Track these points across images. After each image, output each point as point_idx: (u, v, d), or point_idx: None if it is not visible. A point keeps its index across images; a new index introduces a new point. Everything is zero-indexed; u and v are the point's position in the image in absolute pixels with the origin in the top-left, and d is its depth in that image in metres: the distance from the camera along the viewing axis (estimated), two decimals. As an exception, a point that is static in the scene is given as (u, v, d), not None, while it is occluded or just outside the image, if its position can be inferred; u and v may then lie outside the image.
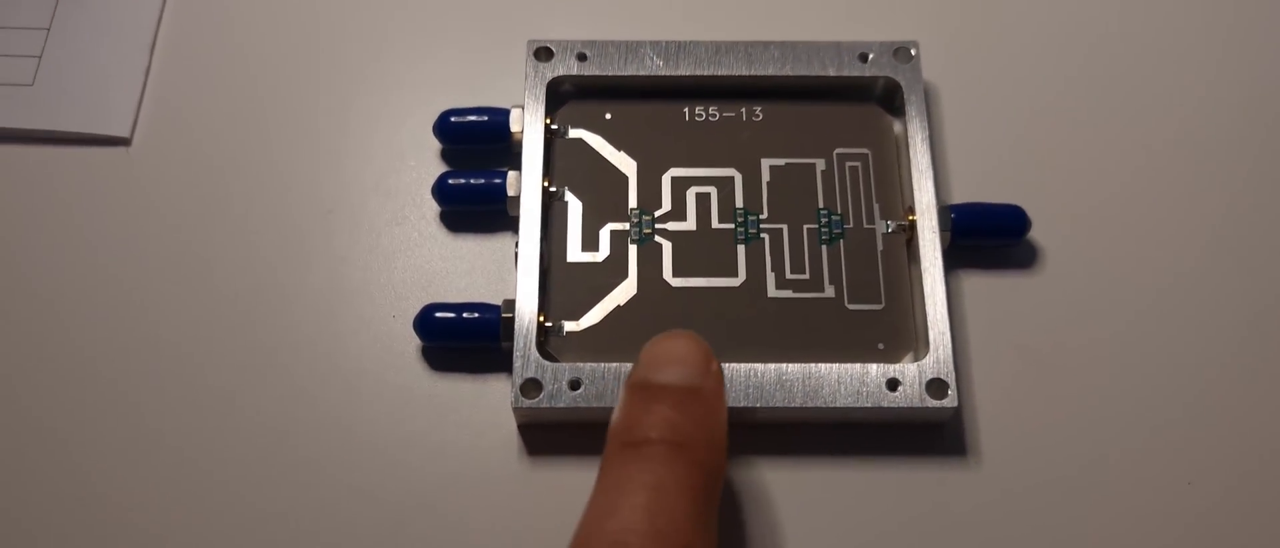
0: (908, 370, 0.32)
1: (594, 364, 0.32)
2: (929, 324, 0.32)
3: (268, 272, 0.35)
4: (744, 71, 0.36)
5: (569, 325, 0.33)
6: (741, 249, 0.34)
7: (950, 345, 0.32)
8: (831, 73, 0.36)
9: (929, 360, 0.32)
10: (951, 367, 0.32)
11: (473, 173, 0.35)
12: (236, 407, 0.33)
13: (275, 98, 0.38)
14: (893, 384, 0.32)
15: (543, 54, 0.36)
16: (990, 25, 0.39)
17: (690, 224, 0.34)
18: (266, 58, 0.38)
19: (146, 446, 0.33)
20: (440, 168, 0.36)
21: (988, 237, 0.34)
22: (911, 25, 0.38)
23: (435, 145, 0.36)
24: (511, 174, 0.34)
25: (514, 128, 0.35)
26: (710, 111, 0.36)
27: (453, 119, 0.36)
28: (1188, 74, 0.38)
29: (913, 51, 0.36)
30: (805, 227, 0.34)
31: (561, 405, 0.32)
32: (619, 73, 0.36)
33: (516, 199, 0.34)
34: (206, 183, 0.36)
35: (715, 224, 0.34)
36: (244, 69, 0.38)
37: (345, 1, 0.39)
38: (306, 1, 0.39)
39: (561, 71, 0.36)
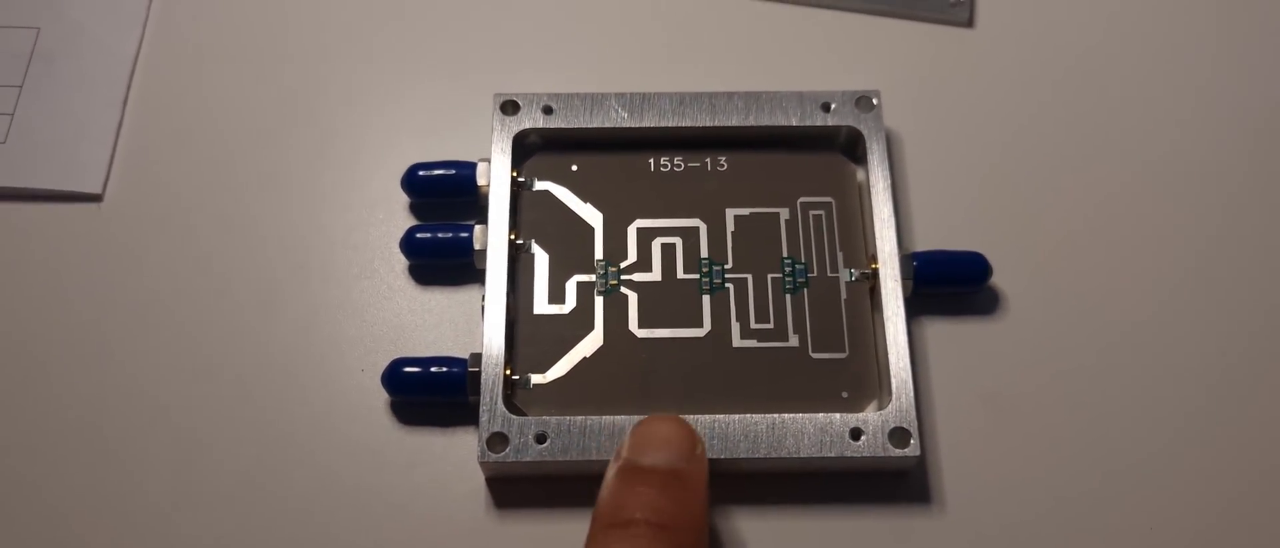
0: (871, 420, 0.32)
1: (560, 417, 0.32)
2: (892, 373, 0.33)
3: (238, 326, 0.35)
4: (708, 122, 0.36)
5: (536, 378, 0.33)
6: (706, 299, 0.34)
7: (913, 394, 0.32)
8: (795, 122, 0.36)
9: (892, 409, 0.32)
10: (914, 415, 0.32)
11: (440, 226, 0.35)
12: (208, 460, 0.33)
13: (245, 154, 0.38)
14: (856, 433, 0.32)
15: (509, 107, 0.36)
16: (952, 73, 0.39)
17: (656, 275, 0.35)
18: (236, 114, 0.39)
19: (120, 497, 0.33)
20: (409, 221, 0.37)
21: (950, 284, 0.35)
22: (874, 74, 0.38)
23: (404, 199, 0.37)
24: (478, 227, 0.35)
25: (480, 181, 0.36)
26: (675, 162, 0.36)
27: (420, 173, 0.36)
28: (1147, 119, 0.38)
29: (874, 101, 0.36)
30: (769, 276, 0.35)
31: (528, 459, 0.32)
32: (584, 125, 0.36)
33: (483, 252, 0.34)
34: (177, 238, 0.37)
35: (680, 275, 0.35)
36: (214, 125, 0.38)
37: (314, 57, 0.40)
38: (275, 58, 0.40)
39: (528, 124, 0.36)
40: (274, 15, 0.40)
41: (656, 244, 0.35)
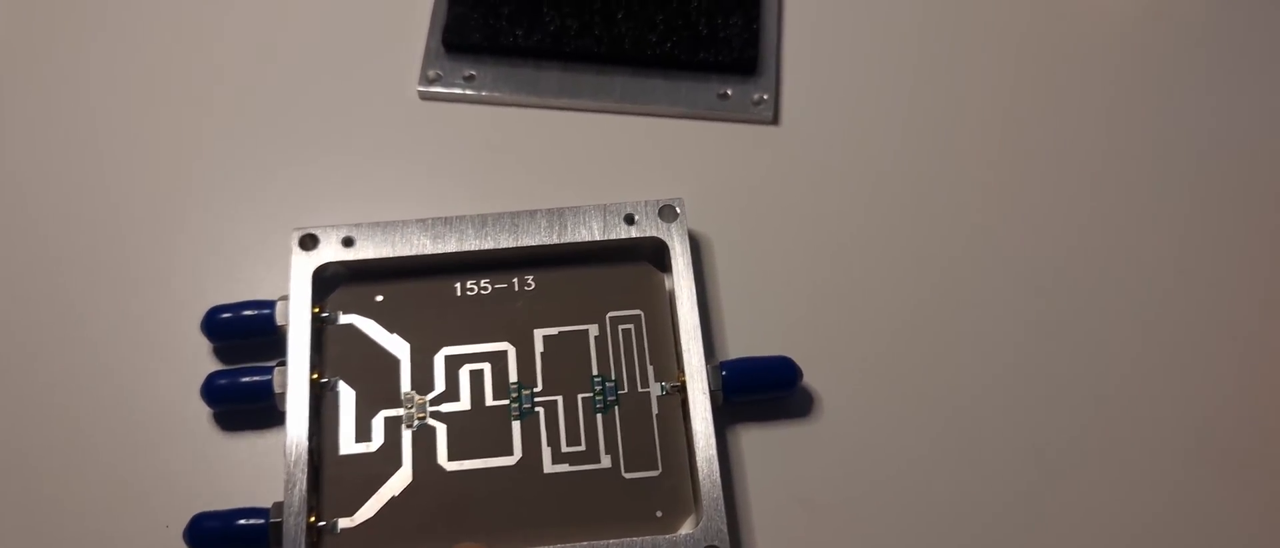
0: (682, 540, 0.32)
1: (365, 564, 0.31)
2: (702, 490, 0.32)
3: (39, 480, 0.34)
4: (512, 243, 0.36)
5: (344, 522, 0.33)
6: (516, 426, 0.34)
7: (723, 510, 0.32)
8: (599, 237, 0.36)
9: (703, 527, 0.32)
10: (725, 532, 0.32)
11: (240, 371, 0.34)
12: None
13: (41, 303, 0.37)
14: (667, 556, 0.32)
15: (308, 242, 0.36)
16: (759, 172, 0.39)
17: (464, 404, 0.34)
18: (28, 262, 0.37)
19: None
20: (213, 365, 0.36)
21: (760, 391, 0.35)
22: (682, 178, 0.39)
23: (207, 343, 0.36)
24: (278, 369, 0.34)
25: (279, 321, 0.35)
26: (481, 285, 0.36)
27: (220, 316, 0.35)
28: (951, 213, 0.38)
29: (677, 209, 0.36)
30: (580, 396, 0.34)
31: (334, 611, 0.31)
32: (387, 254, 0.36)
33: (283, 395, 0.34)
34: (-30, 401, 0.35)
35: (489, 402, 0.34)
36: (6, 272, 0.37)
37: (107, 204, 0.38)
38: (68, 205, 0.38)
39: (328, 258, 0.35)
40: (62, 167, 0.39)
41: (465, 372, 0.35)
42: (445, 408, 0.34)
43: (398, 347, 0.35)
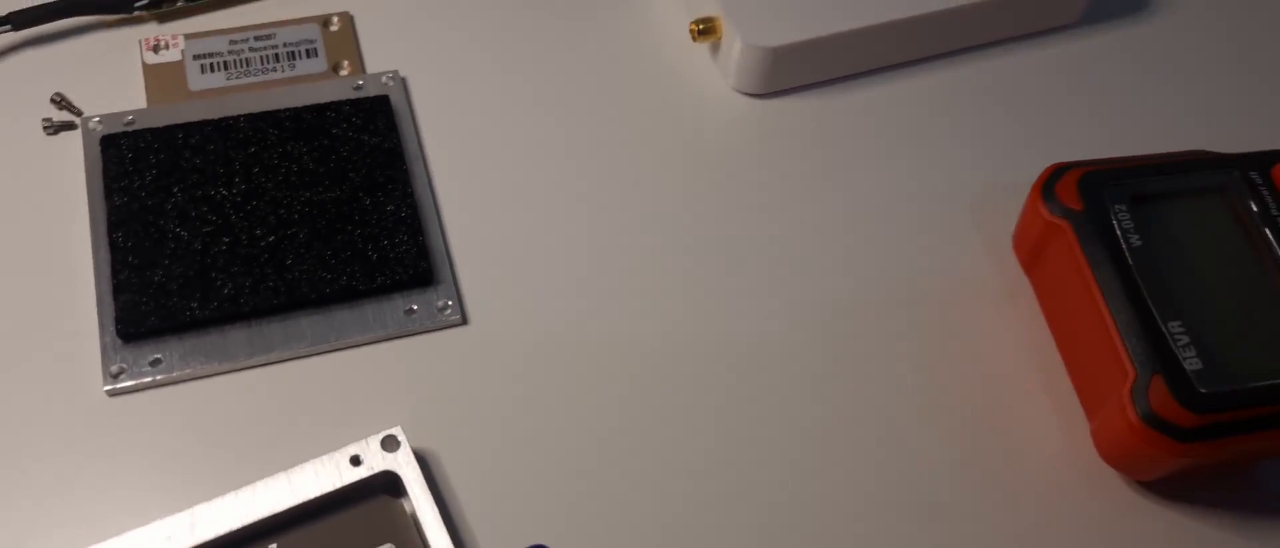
0: None
1: None
2: None
3: None
4: (246, 520, 0.36)
5: None
6: None
7: None
8: (330, 488, 0.36)
9: None
10: None
11: None
12: None
13: None
14: None
15: (33, 585, 0.34)
16: (464, 373, 0.41)
17: None
18: None
19: None
20: None
21: (525, 587, 0.36)
22: (396, 399, 0.40)
23: None
24: None
25: None
26: (227, 572, 0.36)
27: None
28: (651, 368, 0.41)
29: (399, 438, 0.37)
30: (355, 652, 0.35)
31: None
32: (122, 572, 0.35)
33: None
34: None
35: None
36: None
37: None
38: None
39: (60, 594, 0.34)
40: None
41: (232, 663, 0.34)
42: None
43: (158, 661, 0.34)
